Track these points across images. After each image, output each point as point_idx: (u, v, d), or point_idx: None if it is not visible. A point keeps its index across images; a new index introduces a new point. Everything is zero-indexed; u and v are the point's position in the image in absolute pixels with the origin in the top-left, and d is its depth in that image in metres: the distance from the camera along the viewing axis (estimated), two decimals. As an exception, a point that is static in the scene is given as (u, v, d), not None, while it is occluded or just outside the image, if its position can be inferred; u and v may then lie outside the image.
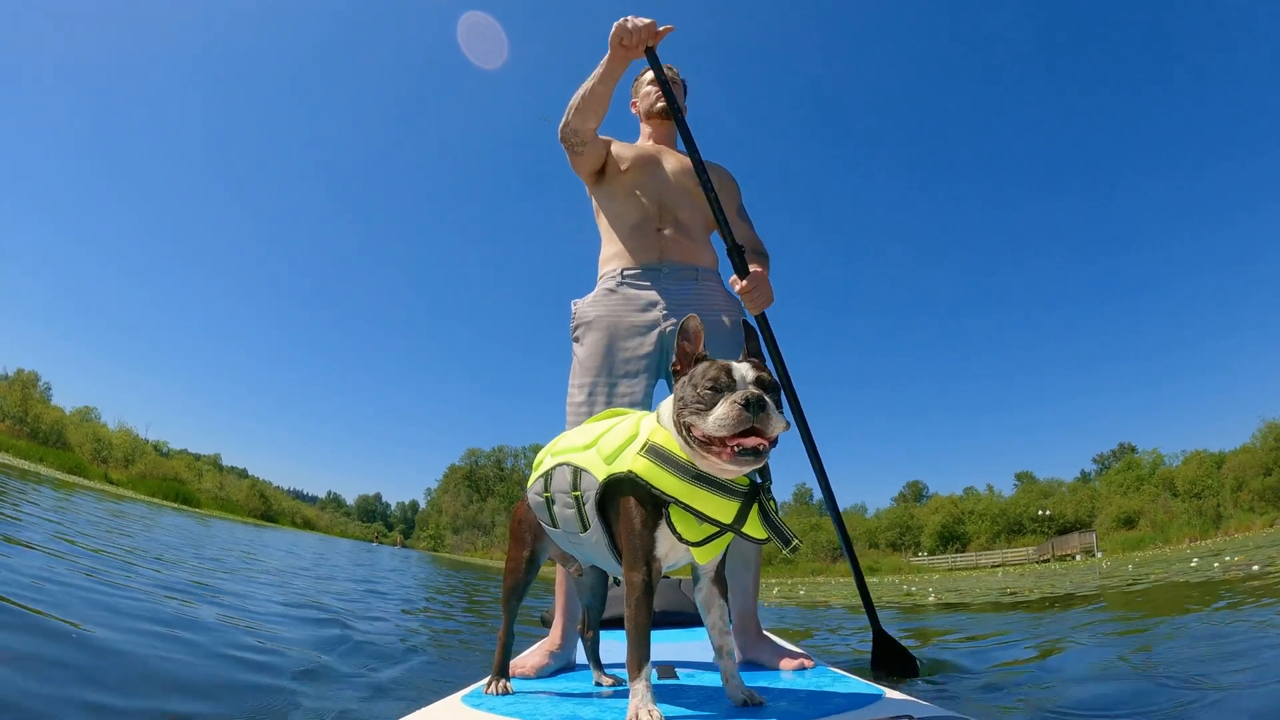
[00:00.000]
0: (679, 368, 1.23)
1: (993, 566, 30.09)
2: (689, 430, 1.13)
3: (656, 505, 1.16)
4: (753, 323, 1.98)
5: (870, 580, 2.90)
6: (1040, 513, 36.09)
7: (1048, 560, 29.05)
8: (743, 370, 1.14)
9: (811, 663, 1.83)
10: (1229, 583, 5.69)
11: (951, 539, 40.26)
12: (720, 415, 1.09)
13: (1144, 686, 2.00)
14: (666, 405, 1.23)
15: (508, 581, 1.52)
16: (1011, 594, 8.49)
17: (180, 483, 37.14)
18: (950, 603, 7.83)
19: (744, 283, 2.05)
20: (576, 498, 1.28)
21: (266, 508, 47.59)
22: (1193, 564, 9.84)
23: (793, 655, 1.87)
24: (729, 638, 1.29)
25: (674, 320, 2.06)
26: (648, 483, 1.15)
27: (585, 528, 1.27)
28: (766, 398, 1.11)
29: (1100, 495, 36.98)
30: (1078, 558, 27.14)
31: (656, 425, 1.22)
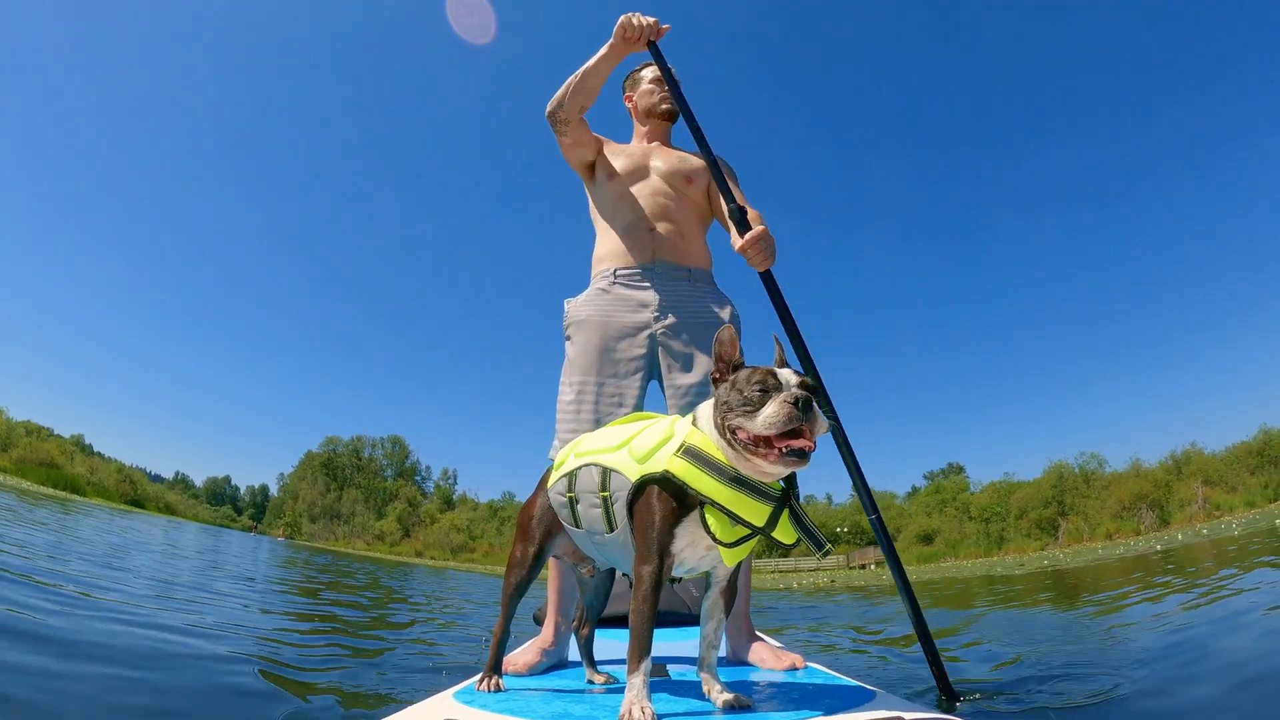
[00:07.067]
0: (718, 375, 1.24)
1: (811, 570, 35.87)
2: (734, 433, 1.15)
3: (682, 504, 1.18)
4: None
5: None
6: (838, 529, 39.98)
7: (852, 568, 35.45)
8: (786, 374, 1.17)
9: (803, 663, 1.83)
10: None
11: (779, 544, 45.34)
12: (770, 414, 1.10)
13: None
14: (705, 410, 1.25)
15: (511, 578, 1.49)
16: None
17: (57, 468, 36.41)
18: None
19: (744, 239, 1.97)
20: (604, 498, 1.28)
21: (135, 493, 47.07)
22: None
23: (784, 655, 1.86)
24: (714, 653, 1.32)
25: (666, 322, 2.10)
26: (684, 483, 1.16)
27: (612, 528, 1.28)
28: (813, 399, 1.13)
29: (907, 513, 42.91)
30: (872, 567, 33.52)
31: (693, 428, 1.23)
